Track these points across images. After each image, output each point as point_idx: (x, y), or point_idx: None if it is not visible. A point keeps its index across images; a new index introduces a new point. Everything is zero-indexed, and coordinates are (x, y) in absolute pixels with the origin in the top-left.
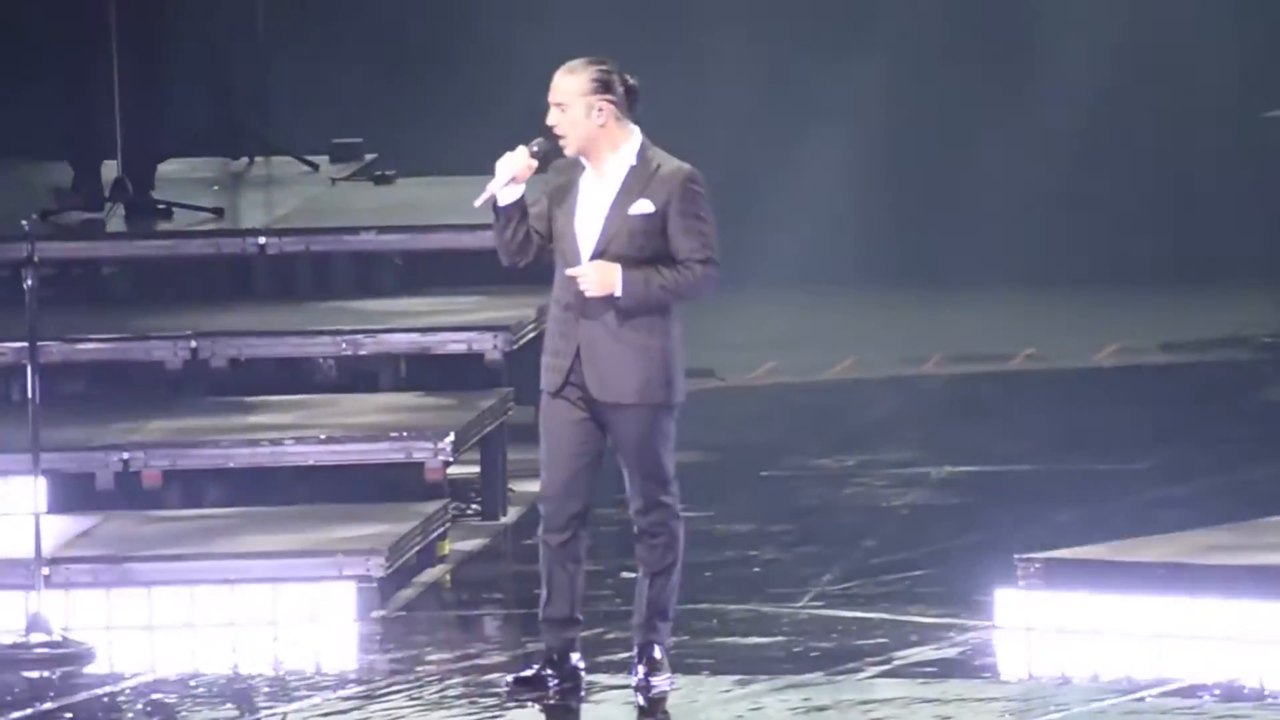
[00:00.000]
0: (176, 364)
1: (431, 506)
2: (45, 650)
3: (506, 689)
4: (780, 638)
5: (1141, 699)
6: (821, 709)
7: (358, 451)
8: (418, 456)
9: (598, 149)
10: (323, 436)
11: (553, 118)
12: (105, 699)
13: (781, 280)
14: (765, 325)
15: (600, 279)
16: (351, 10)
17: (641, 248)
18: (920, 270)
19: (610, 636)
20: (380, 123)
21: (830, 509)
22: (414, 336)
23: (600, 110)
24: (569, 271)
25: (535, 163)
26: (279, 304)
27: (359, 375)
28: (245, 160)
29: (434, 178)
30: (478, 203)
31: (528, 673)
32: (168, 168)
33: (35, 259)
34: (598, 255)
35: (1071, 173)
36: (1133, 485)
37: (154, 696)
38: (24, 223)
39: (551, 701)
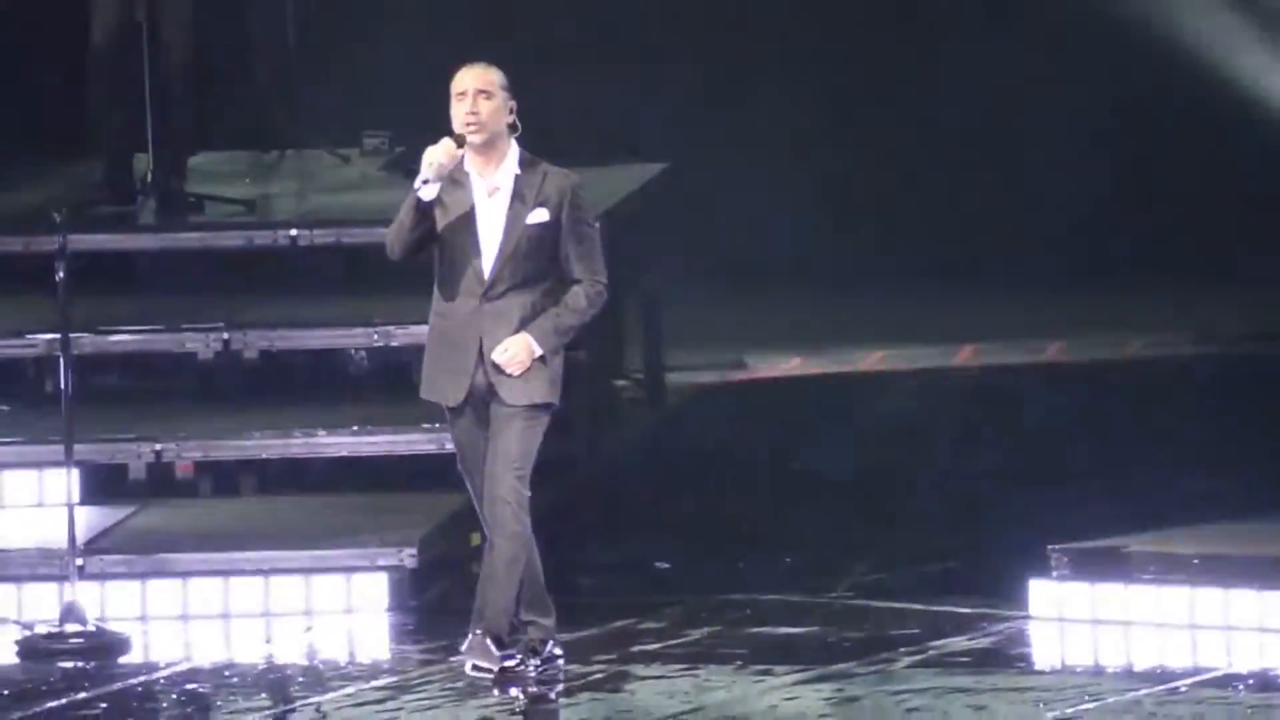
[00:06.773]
0: (208, 355)
1: (463, 496)
2: (80, 640)
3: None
4: (814, 628)
5: (1175, 689)
6: (855, 699)
7: (389, 443)
8: (450, 448)
9: (497, 148)
10: (355, 428)
11: (473, 105)
12: (139, 689)
13: (812, 272)
14: (791, 317)
15: (521, 357)
16: (382, 5)
17: (537, 255)
18: (954, 263)
19: (643, 627)
20: (411, 117)
21: (863, 499)
22: None
23: (511, 110)
24: (500, 360)
25: (460, 154)
26: (311, 296)
27: (390, 367)
28: (276, 153)
29: None
30: (415, 185)
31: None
32: (198, 161)
33: (66, 251)
34: (499, 266)
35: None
36: (1167, 476)
37: (188, 686)
38: (55, 215)
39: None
